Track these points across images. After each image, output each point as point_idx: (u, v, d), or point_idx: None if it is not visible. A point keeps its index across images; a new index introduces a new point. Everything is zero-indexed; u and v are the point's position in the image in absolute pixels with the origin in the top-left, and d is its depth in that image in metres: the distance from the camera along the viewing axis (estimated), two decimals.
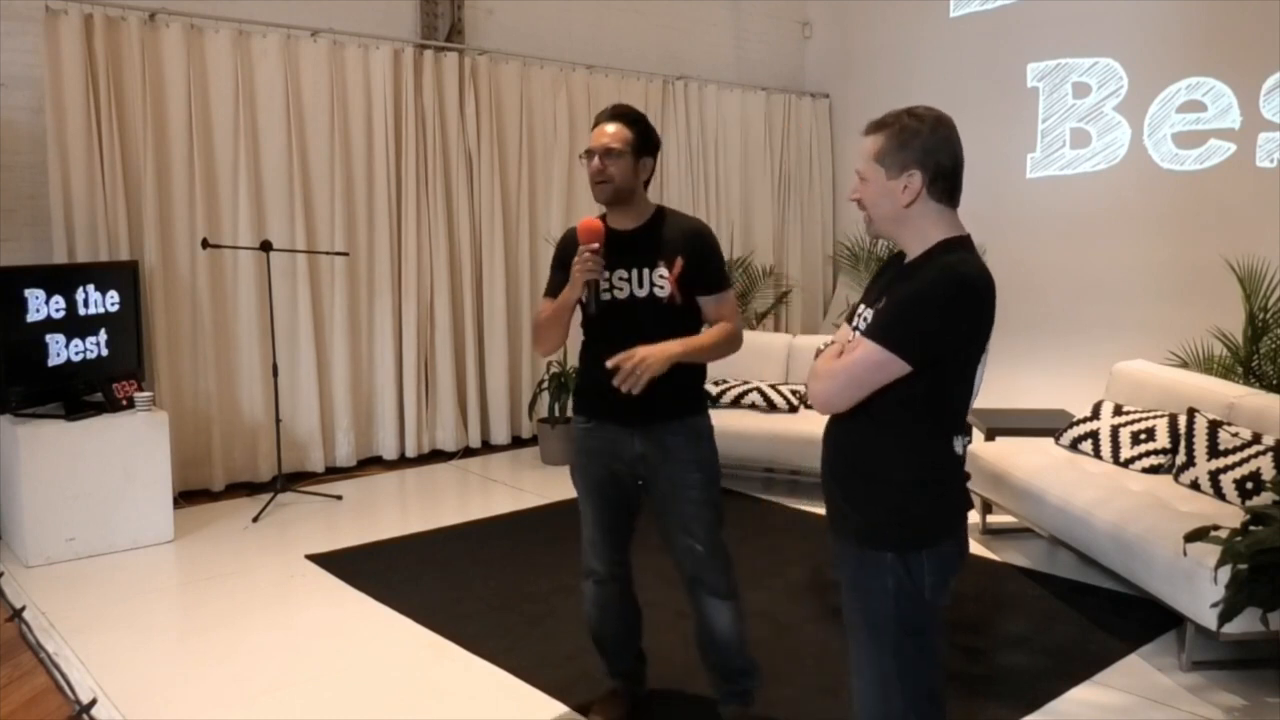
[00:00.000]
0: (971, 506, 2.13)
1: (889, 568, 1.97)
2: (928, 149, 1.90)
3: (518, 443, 6.75)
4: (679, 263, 2.72)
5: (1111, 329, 6.37)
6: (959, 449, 1.99)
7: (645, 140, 2.77)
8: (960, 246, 1.94)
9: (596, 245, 2.66)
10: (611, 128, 2.73)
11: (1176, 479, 4.20)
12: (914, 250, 1.97)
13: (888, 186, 1.93)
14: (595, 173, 2.73)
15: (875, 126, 1.96)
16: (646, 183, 2.81)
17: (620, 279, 2.73)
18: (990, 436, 5.20)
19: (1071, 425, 4.81)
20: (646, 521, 2.95)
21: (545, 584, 4.20)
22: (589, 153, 2.75)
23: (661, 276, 2.72)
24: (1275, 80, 5.74)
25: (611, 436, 2.83)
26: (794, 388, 5.83)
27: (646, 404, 2.63)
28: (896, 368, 1.88)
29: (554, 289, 2.83)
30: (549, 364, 6.47)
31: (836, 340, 2.06)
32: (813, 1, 8.50)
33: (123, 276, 4.95)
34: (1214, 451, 4.05)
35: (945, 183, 1.92)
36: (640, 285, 2.73)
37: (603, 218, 2.82)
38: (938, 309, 1.87)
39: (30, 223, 5.03)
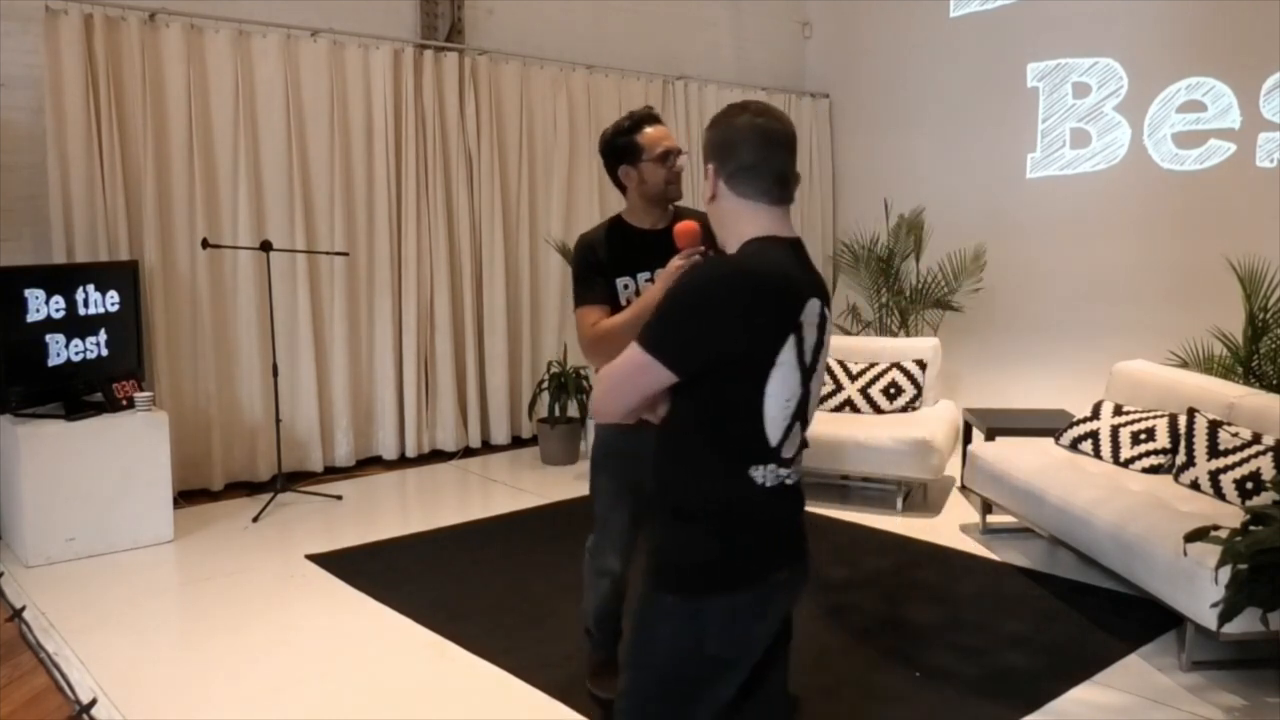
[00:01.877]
0: (792, 549, 1.78)
1: (668, 612, 1.72)
2: (726, 141, 1.79)
3: (518, 443, 6.75)
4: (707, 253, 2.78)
5: (1111, 329, 6.37)
6: (763, 480, 1.71)
7: None
8: (764, 245, 1.73)
9: (705, 249, 2.48)
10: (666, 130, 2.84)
11: (1176, 479, 4.20)
12: (730, 249, 1.80)
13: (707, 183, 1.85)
14: (677, 173, 2.82)
15: None
16: None
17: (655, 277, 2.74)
18: (990, 436, 5.20)
19: (1071, 425, 4.81)
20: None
21: (545, 584, 4.20)
22: (668, 152, 2.78)
23: None
24: (1275, 80, 5.74)
25: (646, 439, 2.82)
26: None
27: None
28: (658, 372, 1.68)
29: (605, 297, 2.77)
30: (549, 364, 6.47)
31: None
32: (813, 1, 8.49)
33: (123, 276, 4.95)
34: (1214, 451, 4.05)
35: (746, 176, 1.75)
36: None
37: (616, 219, 2.87)
38: (695, 309, 1.66)
39: (30, 223, 5.03)
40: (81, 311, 4.74)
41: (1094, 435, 4.65)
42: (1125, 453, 4.47)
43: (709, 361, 1.66)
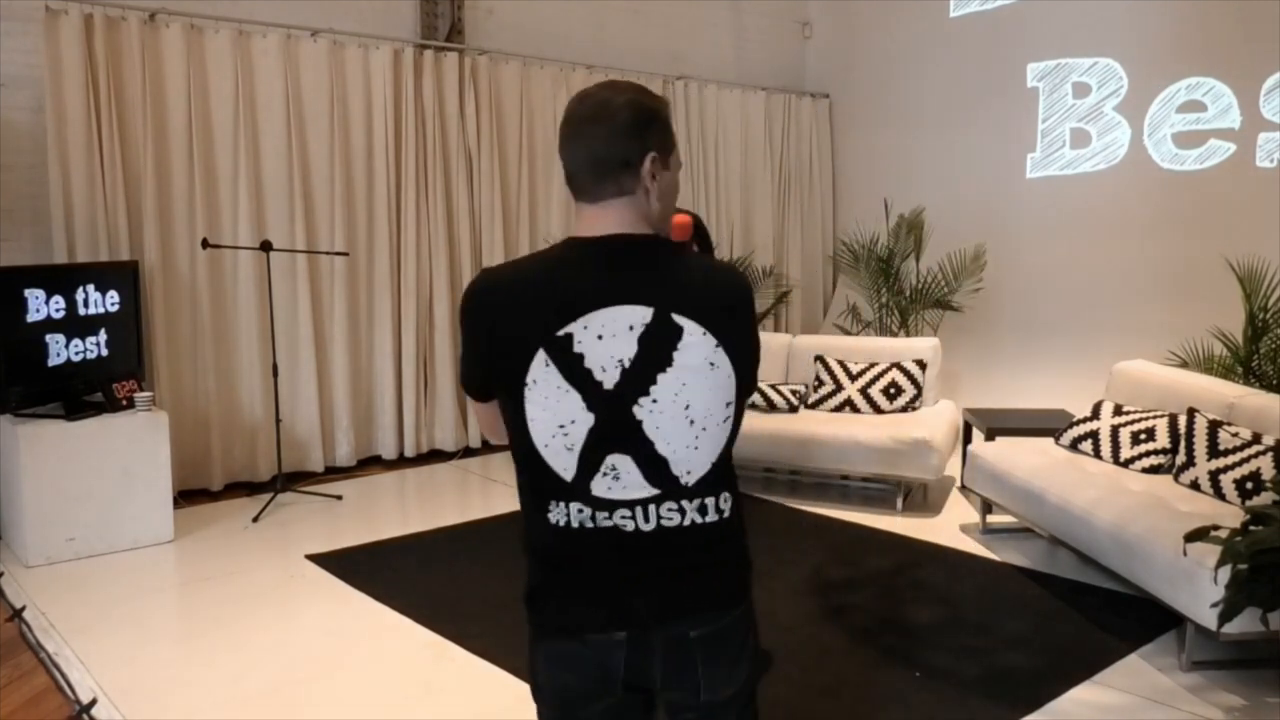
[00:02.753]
0: (629, 610, 1.50)
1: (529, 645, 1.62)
2: (560, 141, 1.58)
3: None
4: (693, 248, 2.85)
5: (1111, 329, 6.37)
6: (560, 520, 1.48)
7: None
8: (555, 249, 1.55)
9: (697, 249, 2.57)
10: None
11: (1176, 479, 4.20)
12: None
13: None
14: None
15: None
16: None
17: None
18: (990, 436, 5.20)
19: (1071, 425, 4.80)
20: None
21: None
22: None
23: None
24: (1275, 80, 5.74)
25: None
26: (794, 388, 5.82)
27: None
28: (470, 401, 1.61)
29: None
30: None
31: None
32: (813, 1, 8.50)
33: (123, 276, 4.95)
34: (1214, 451, 4.05)
35: (568, 176, 1.56)
36: None
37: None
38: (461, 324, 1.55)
39: (30, 223, 5.03)
40: (81, 311, 4.74)
41: (1094, 435, 4.65)
42: (1125, 453, 4.47)
43: (482, 384, 1.55)
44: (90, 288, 4.78)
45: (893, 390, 5.65)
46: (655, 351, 1.45)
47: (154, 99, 5.23)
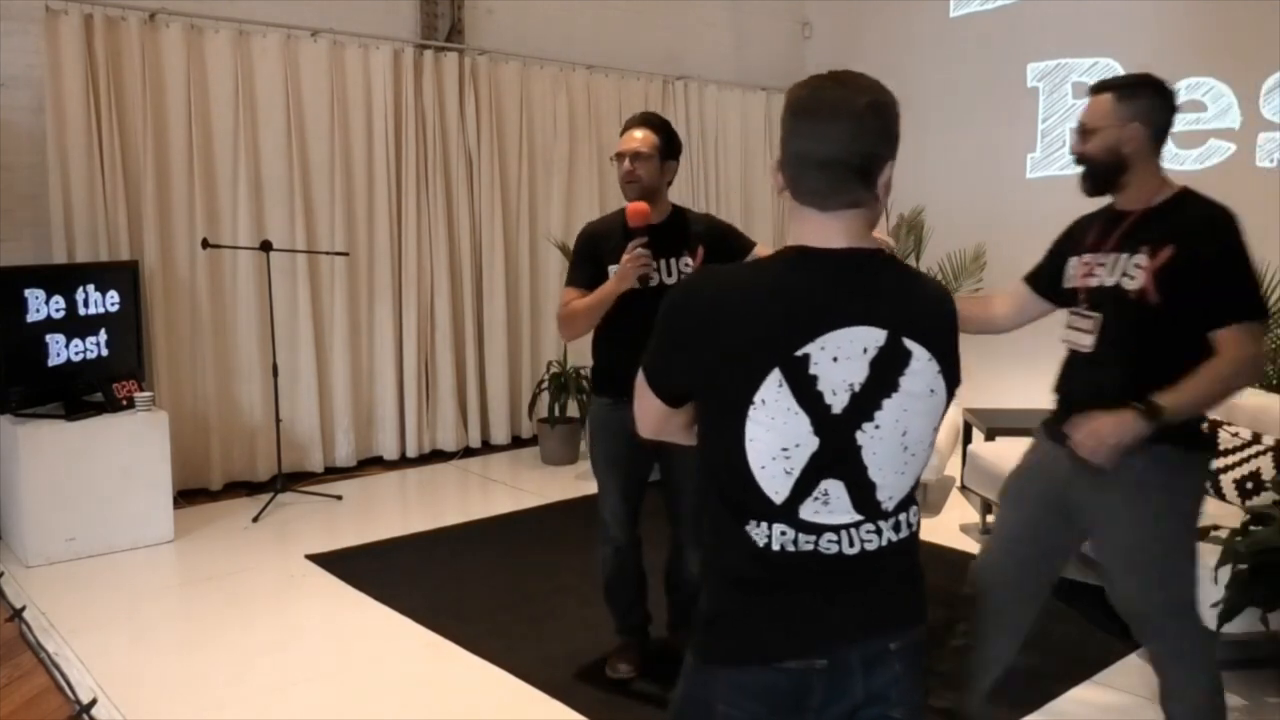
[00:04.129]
0: (829, 635, 1.43)
1: (686, 672, 1.50)
2: (781, 124, 1.49)
3: (518, 443, 6.75)
4: (700, 251, 3.06)
5: None
6: (762, 541, 1.40)
7: (670, 145, 3.10)
8: (784, 257, 1.45)
9: (647, 240, 2.92)
10: (640, 133, 3.05)
11: None
12: None
13: None
14: (625, 174, 3.04)
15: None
16: (669, 183, 3.11)
17: (651, 269, 2.98)
18: (990, 436, 5.20)
19: None
20: (642, 527, 2.95)
21: (545, 584, 4.19)
22: (619, 156, 3.04)
23: (687, 264, 3.03)
24: (1275, 80, 5.74)
25: (626, 415, 2.92)
26: None
27: None
28: (650, 399, 1.50)
29: (586, 281, 3.07)
30: (549, 364, 6.47)
31: None
32: (813, 1, 8.49)
33: (123, 276, 4.95)
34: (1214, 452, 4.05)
35: (790, 172, 1.45)
36: (669, 274, 3.02)
37: (621, 211, 3.04)
38: (659, 329, 1.46)
39: (30, 223, 5.03)
40: (81, 311, 4.74)
41: None
42: None
43: (682, 392, 1.45)
44: (90, 288, 4.78)
45: None
46: (884, 376, 1.39)
47: (154, 99, 5.23)
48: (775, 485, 1.38)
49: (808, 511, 1.39)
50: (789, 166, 1.43)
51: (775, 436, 1.36)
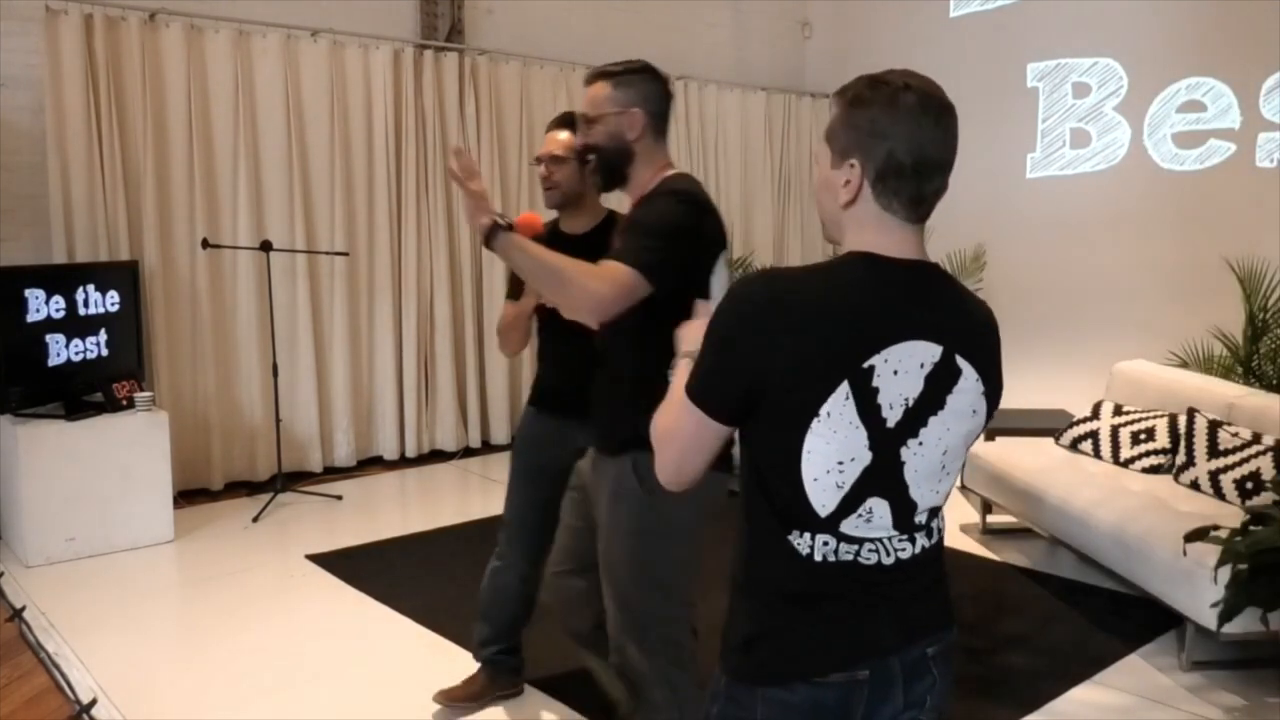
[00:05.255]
0: (870, 645, 1.41)
1: (717, 694, 1.47)
2: (879, 129, 1.40)
3: None
4: None
5: (1111, 329, 6.37)
6: (806, 550, 1.37)
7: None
8: (855, 261, 1.39)
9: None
10: (562, 135, 2.87)
11: (1176, 479, 4.20)
12: None
13: None
14: (542, 179, 2.88)
15: None
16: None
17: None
18: (990, 436, 5.20)
19: (1071, 425, 4.81)
20: None
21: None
22: (538, 160, 2.89)
23: None
24: (1275, 80, 5.74)
25: (563, 426, 2.86)
26: None
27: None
28: (691, 423, 1.40)
29: (515, 293, 2.95)
30: None
31: None
32: (813, 1, 8.49)
33: (123, 276, 4.95)
34: (1214, 451, 4.05)
35: (897, 181, 1.39)
36: None
37: (554, 221, 2.94)
38: (714, 333, 1.37)
39: (30, 223, 5.03)
40: (81, 311, 4.74)
41: (1094, 435, 4.65)
42: (1125, 453, 4.47)
43: (736, 405, 1.36)
44: (90, 288, 4.77)
45: None
46: (934, 393, 1.36)
47: (154, 99, 5.23)
48: (823, 499, 1.35)
49: (849, 526, 1.38)
50: (879, 168, 1.35)
51: (833, 450, 1.32)
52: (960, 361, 1.38)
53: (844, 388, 1.30)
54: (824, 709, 1.39)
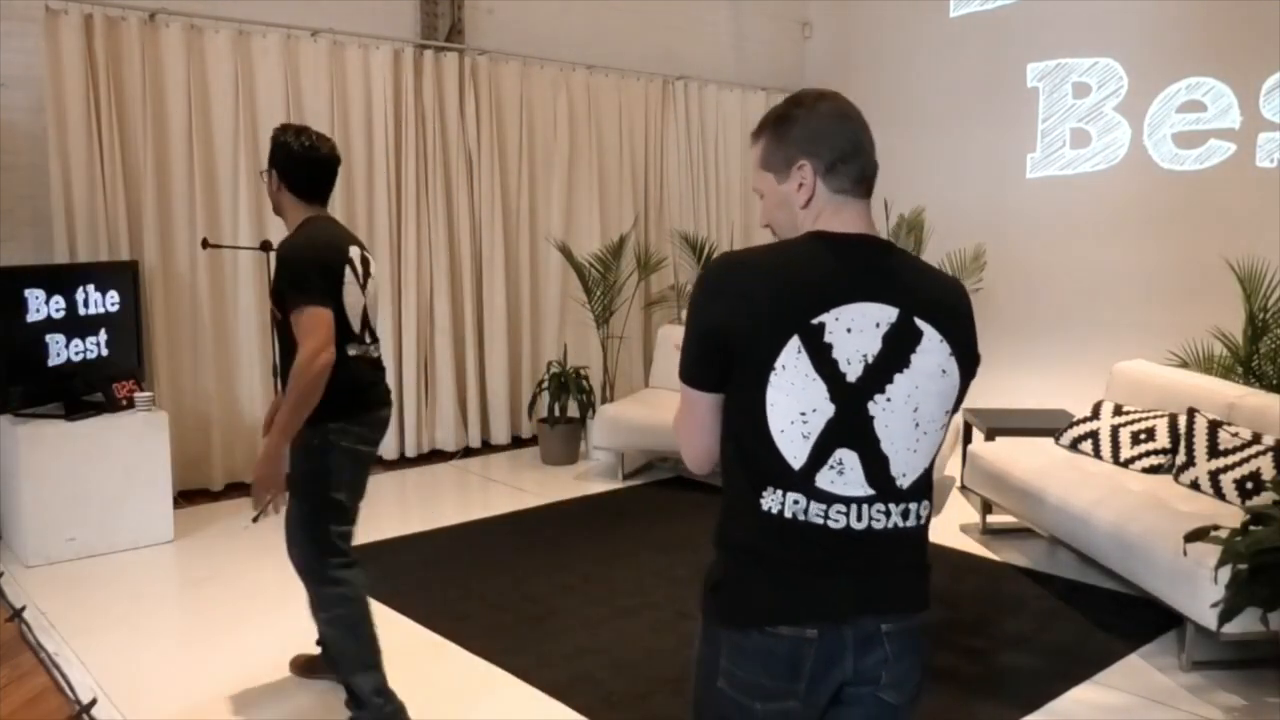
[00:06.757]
0: (828, 607, 1.50)
1: (699, 633, 1.60)
2: (818, 133, 1.60)
3: (518, 443, 6.75)
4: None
5: (1111, 329, 6.37)
6: (772, 508, 1.48)
7: (273, 153, 3.16)
8: (803, 239, 1.55)
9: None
10: None
11: (1176, 479, 4.20)
12: None
13: None
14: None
15: None
16: (298, 197, 3.35)
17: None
18: (990, 436, 5.20)
19: (1071, 425, 4.81)
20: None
21: (545, 584, 4.19)
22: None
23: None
24: (1275, 80, 5.74)
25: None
26: None
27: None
28: (697, 406, 1.56)
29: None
30: (549, 364, 6.47)
31: None
32: (813, 1, 8.49)
33: (123, 276, 4.95)
34: (1214, 451, 4.05)
35: (843, 168, 1.59)
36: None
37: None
38: (690, 310, 1.54)
39: (30, 223, 5.03)
40: (81, 311, 4.74)
41: (1094, 435, 4.65)
42: (1125, 453, 4.47)
43: (721, 371, 1.49)
44: (90, 288, 4.77)
45: None
46: (896, 351, 1.47)
47: (154, 99, 5.23)
48: (794, 450, 1.46)
49: (824, 480, 1.47)
50: (832, 155, 1.55)
51: (794, 401, 1.45)
52: (920, 323, 1.49)
53: (795, 341, 1.44)
54: (775, 657, 1.50)
